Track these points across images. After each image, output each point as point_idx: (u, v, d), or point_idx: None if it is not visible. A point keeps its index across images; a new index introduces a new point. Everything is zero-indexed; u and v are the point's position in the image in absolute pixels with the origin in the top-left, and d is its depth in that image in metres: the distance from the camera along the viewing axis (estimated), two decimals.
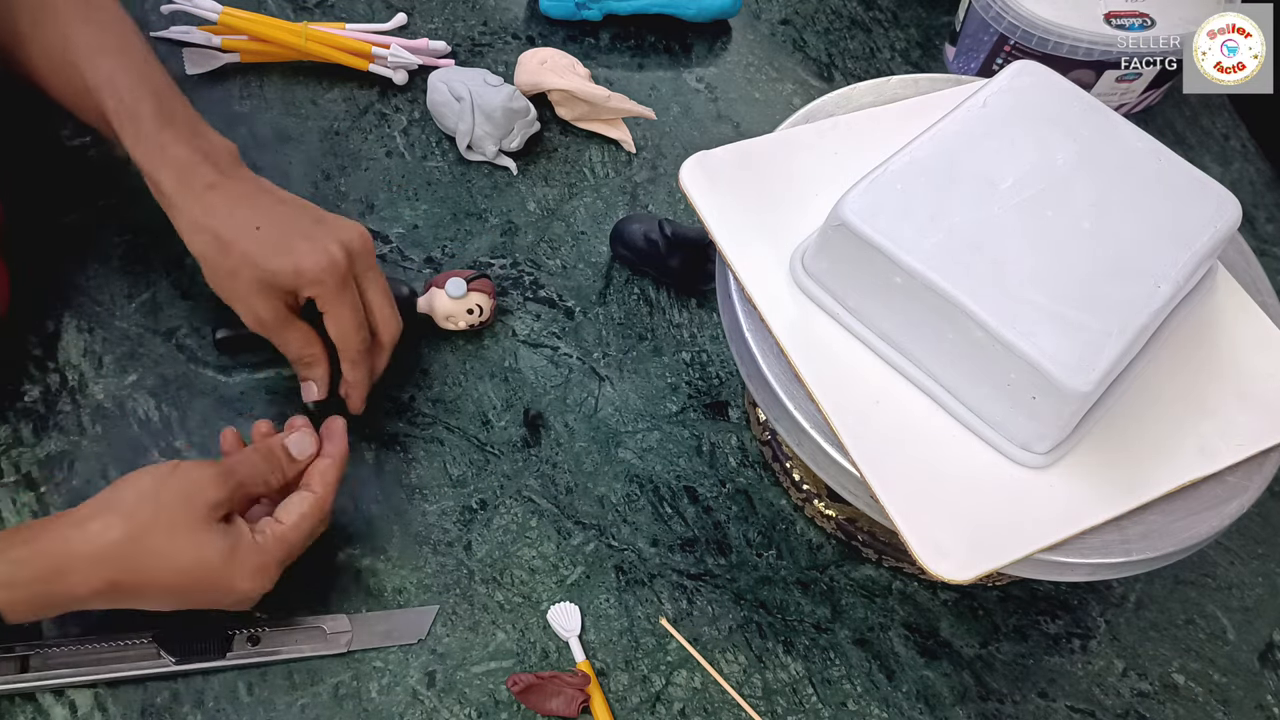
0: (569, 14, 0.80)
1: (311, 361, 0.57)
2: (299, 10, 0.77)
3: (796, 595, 0.59)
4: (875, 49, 0.85)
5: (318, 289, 0.54)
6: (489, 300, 0.63)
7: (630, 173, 0.74)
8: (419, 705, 0.53)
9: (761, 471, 0.63)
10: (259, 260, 0.53)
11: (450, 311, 0.62)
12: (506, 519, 0.59)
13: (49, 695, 0.51)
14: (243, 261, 0.53)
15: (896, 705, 0.56)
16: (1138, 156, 0.50)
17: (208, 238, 0.54)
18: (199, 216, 0.54)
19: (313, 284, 0.54)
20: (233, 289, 0.54)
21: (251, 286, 0.54)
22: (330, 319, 0.55)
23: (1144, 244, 0.48)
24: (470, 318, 0.62)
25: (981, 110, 0.51)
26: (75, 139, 0.67)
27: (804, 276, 0.51)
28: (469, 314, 0.62)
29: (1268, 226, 0.81)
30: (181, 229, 0.55)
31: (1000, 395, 0.46)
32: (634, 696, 0.55)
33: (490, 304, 0.63)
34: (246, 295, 0.54)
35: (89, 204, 0.65)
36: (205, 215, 0.54)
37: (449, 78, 0.70)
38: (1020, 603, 0.60)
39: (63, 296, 0.62)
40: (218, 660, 0.52)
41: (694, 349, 0.67)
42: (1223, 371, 0.52)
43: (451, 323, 0.63)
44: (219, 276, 0.54)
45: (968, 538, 0.45)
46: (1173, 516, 0.48)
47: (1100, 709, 0.58)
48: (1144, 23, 0.73)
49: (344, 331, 0.55)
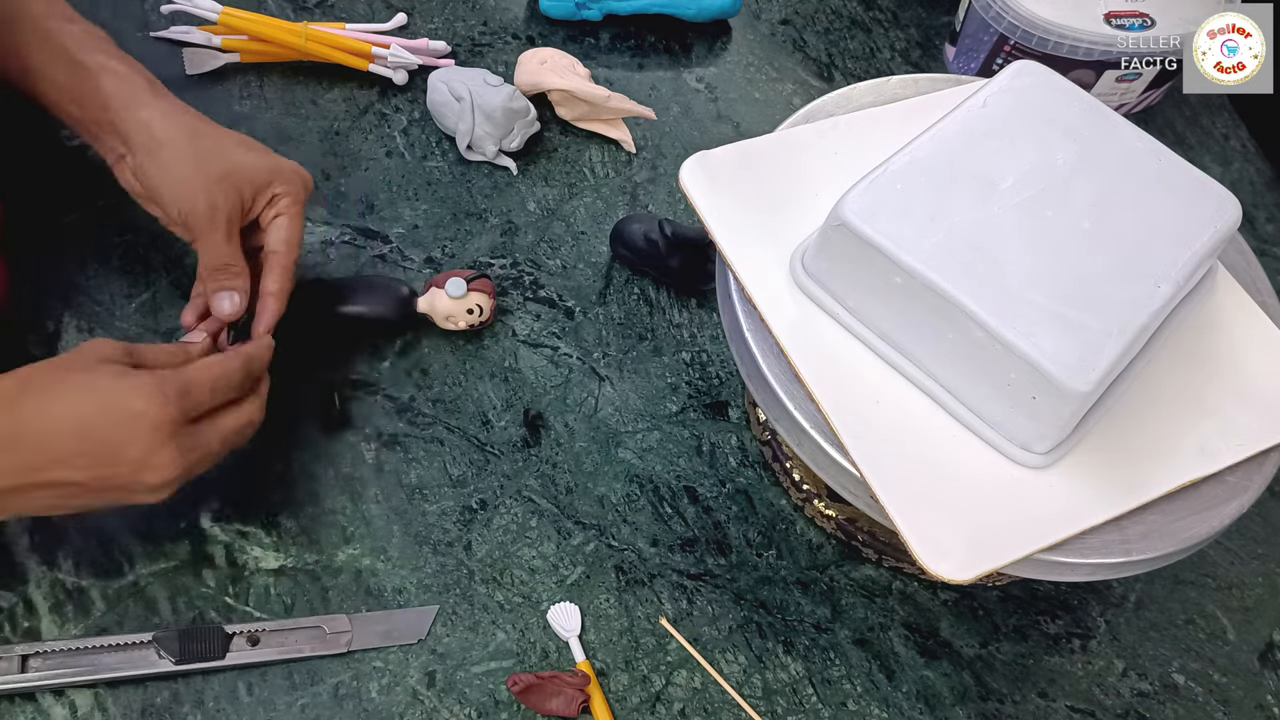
0: (569, 14, 0.80)
1: (238, 271, 0.56)
2: (299, 10, 0.77)
3: (796, 595, 0.59)
4: (875, 49, 0.85)
5: (288, 189, 0.56)
6: (489, 300, 0.63)
7: (630, 173, 0.74)
8: (419, 705, 0.53)
9: (761, 471, 0.63)
10: (235, 152, 0.54)
11: (450, 311, 0.62)
12: (506, 519, 0.59)
13: (49, 695, 0.51)
14: (215, 148, 0.54)
15: (896, 705, 0.56)
16: (1138, 156, 0.50)
17: (185, 120, 0.55)
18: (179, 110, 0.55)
19: (287, 183, 0.56)
20: (193, 176, 0.54)
21: (216, 176, 0.54)
22: (287, 221, 0.56)
23: (1144, 244, 0.48)
24: (470, 318, 0.62)
25: (981, 110, 0.51)
26: (75, 139, 0.67)
27: (804, 276, 0.51)
28: (469, 314, 0.62)
29: (1268, 226, 0.81)
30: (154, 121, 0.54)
31: (1000, 395, 0.46)
32: (634, 696, 0.55)
33: (490, 304, 0.63)
34: (207, 184, 0.54)
35: (89, 204, 0.65)
36: (185, 111, 0.55)
37: (449, 78, 0.70)
38: (1020, 603, 0.60)
39: (63, 296, 0.62)
40: (218, 660, 0.52)
41: (694, 349, 0.67)
42: (1223, 371, 0.52)
43: (451, 323, 0.63)
44: (181, 163, 0.54)
45: (968, 538, 0.45)
46: (1173, 516, 0.48)
47: (1100, 709, 0.58)
48: (1144, 23, 0.73)
49: (296, 237, 0.57)
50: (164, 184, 0.54)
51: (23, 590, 0.53)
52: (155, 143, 0.54)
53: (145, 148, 0.55)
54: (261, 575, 0.55)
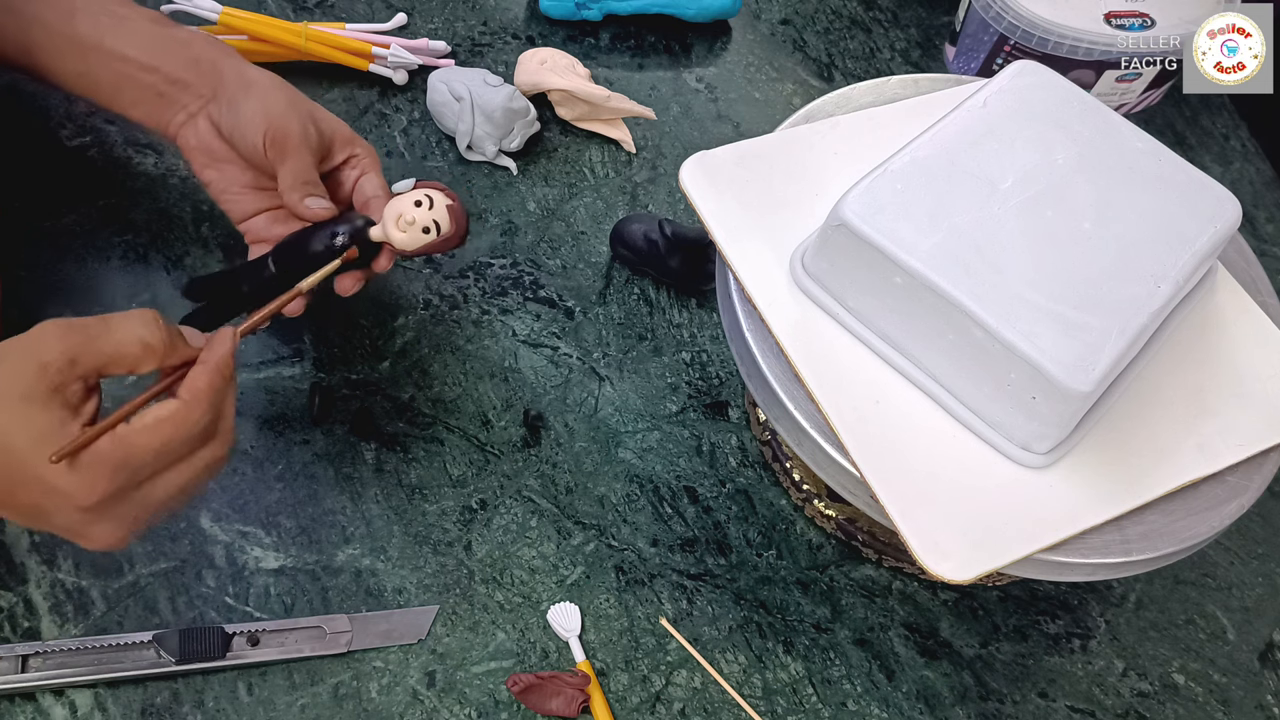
0: (569, 14, 0.80)
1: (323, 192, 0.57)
2: (299, 10, 0.77)
3: (796, 595, 0.59)
4: (875, 49, 0.85)
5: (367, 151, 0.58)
6: (442, 196, 0.55)
7: (630, 173, 0.74)
8: (419, 705, 0.53)
9: (761, 471, 0.63)
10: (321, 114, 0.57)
11: (400, 212, 0.54)
12: (506, 519, 0.59)
13: (49, 695, 0.51)
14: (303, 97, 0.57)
15: (896, 705, 0.56)
16: (1138, 156, 0.50)
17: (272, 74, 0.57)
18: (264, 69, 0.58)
19: (365, 146, 0.59)
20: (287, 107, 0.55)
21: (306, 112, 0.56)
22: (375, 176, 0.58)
23: (1144, 244, 0.48)
24: (423, 216, 0.54)
25: (982, 110, 0.51)
26: (75, 139, 0.67)
27: (804, 276, 0.51)
28: (417, 206, 0.54)
29: (1268, 226, 0.81)
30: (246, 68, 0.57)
31: (1000, 395, 0.46)
32: (634, 696, 0.55)
33: (446, 202, 0.55)
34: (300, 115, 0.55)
35: (89, 204, 0.65)
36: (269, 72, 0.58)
37: (449, 78, 0.70)
38: (1020, 603, 0.60)
39: (63, 296, 0.62)
40: (218, 660, 0.52)
41: (694, 349, 0.67)
42: (1223, 371, 0.52)
43: (410, 232, 0.54)
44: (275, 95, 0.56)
45: (968, 538, 0.45)
46: (1173, 516, 0.48)
47: (1100, 709, 0.58)
48: (1144, 23, 0.73)
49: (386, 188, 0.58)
50: (256, 114, 0.55)
51: (23, 590, 0.53)
52: (248, 81, 0.56)
53: (240, 85, 0.56)
54: (261, 575, 0.55)
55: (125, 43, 0.56)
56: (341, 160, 0.58)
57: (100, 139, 0.68)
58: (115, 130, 0.68)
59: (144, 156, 0.68)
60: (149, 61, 0.56)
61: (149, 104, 0.57)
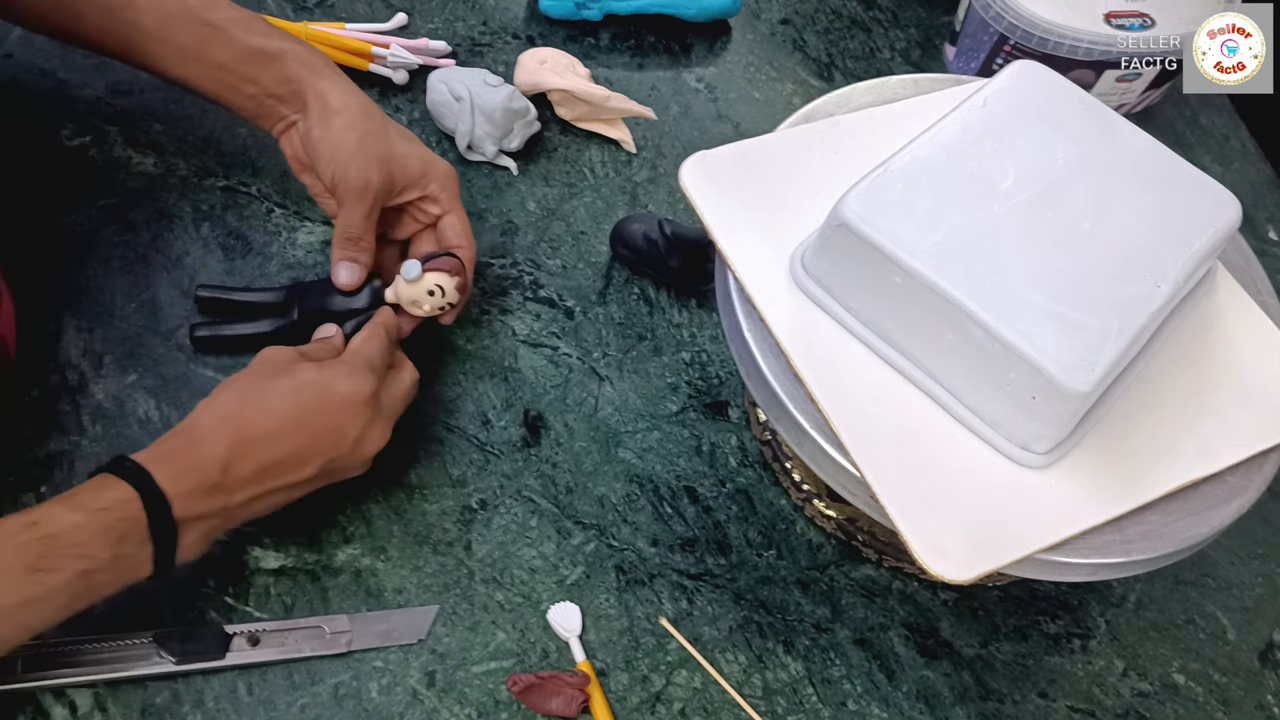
0: (569, 14, 0.80)
1: (366, 247, 0.59)
2: (299, 10, 0.77)
3: (796, 595, 0.59)
4: (875, 49, 0.85)
5: (443, 186, 0.60)
6: (449, 279, 0.58)
7: (630, 173, 0.74)
8: (419, 705, 0.53)
9: (761, 471, 0.63)
10: (396, 139, 0.58)
11: (412, 296, 0.58)
12: (506, 519, 0.59)
13: (49, 695, 0.51)
14: (380, 130, 0.58)
15: (896, 705, 0.56)
16: (1138, 156, 0.51)
17: (359, 99, 0.58)
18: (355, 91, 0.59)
19: (441, 180, 0.60)
20: (355, 147, 0.57)
21: (375, 153, 0.57)
22: (456, 219, 0.60)
23: (1144, 244, 0.48)
24: (433, 300, 0.58)
25: (981, 110, 0.51)
26: (75, 139, 0.67)
27: (804, 276, 0.51)
28: (430, 296, 0.58)
29: (1268, 226, 0.81)
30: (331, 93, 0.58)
31: (1000, 395, 0.46)
32: (634, 696, 0.55)
33: (453, 283, 0.58)
34: (366, 158, 0.57)
35: (89, 204, 0.65)
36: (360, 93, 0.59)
37: (449, 78, 0.70)
38: (1020, 603, 0.60)
39: (63, 296, 0.62)
40: (218, 660, 0.52)
41: (694, 349, 0.67)
42: (1223, 371, 0.52)
43: (416, 307, 0.59)
44: (348, 133, 0.57)
45: (968, 538, 0.45)
46: (1173, 516, 0.48)
47: (1100, 709, 0.58)
48: (1144, 23, 0.73)
49: (469, 230, 0.61)
50: (326, 150, 0.57)
51: None
52: (329, 110, 0.57)
53: (319, 114, 0.57)
54: (261, 575, 0.55)
55: (224, 54, 0.58)
56: (413, 199, 0.60)
57: (100, 139, 0.68)
58: (115, 130, 0.68)
59: (144, 156, 0.68)
60: (247, 73, 0.58)
61: (250, 110, 0.60)
